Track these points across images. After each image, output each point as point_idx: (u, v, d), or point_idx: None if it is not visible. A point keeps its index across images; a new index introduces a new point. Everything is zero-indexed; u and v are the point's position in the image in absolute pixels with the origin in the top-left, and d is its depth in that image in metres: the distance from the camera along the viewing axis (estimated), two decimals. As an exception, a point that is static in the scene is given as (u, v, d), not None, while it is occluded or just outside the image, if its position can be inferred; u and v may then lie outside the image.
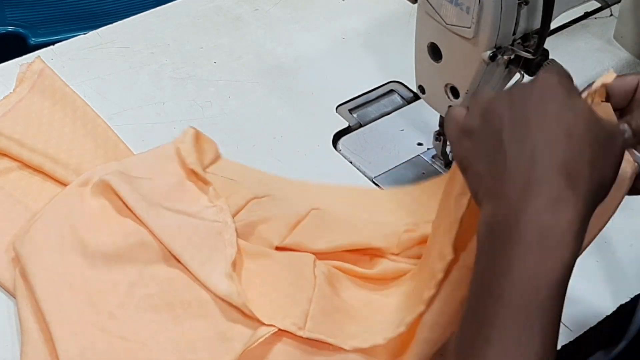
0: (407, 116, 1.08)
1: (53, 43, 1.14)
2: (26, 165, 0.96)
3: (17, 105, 1.01)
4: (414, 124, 1.06)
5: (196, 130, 0.98)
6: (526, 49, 0.85)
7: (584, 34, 1.20)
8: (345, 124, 1.06)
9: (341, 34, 1.18)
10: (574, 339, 0.86)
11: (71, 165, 0.95)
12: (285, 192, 0.96)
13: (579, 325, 0.86)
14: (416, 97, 1.08)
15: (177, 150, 0.95)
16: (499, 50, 0.84)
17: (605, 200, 0.62)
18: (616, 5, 1.19)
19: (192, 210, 0.90)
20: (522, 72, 0.87)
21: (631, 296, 0.89)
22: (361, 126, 1.07)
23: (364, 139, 1.05)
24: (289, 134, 1.04)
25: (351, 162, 1.02)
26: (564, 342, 0.85)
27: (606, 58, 1.16)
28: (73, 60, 1.11)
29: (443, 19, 0.85)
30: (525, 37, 0.85)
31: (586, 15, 1.21)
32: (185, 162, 0.94)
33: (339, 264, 0.87)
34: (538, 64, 0.86)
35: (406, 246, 0.88)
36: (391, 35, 1.18)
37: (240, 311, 0.82)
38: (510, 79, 0.89)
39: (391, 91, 1.11)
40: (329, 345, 0.80)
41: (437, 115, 0.96)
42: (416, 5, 0.89)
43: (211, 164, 0.98)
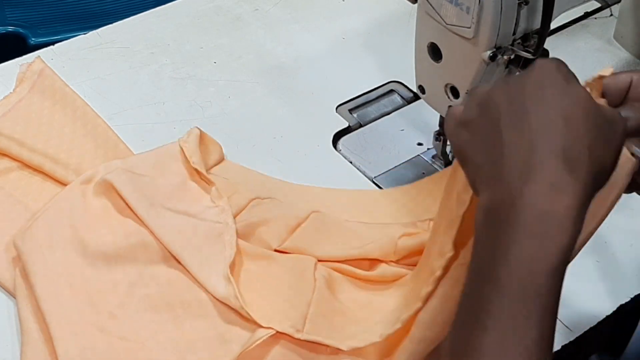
0: (407, 116, 1.08)
1: (53, 43, 1.14)
2: (26, 165, 0.96)
3: (17, 105, 1.02)
4: (414, 124, 1.06)
5: (201, 131, 0.98)
6: (526, 49, 0.85)
7: (584, 34, 1.19)
8: (345, 124, 1.06)
9: (341, 34, 1.18)
10: (574, 339, 0.86)
11: (71, 165, 0.95)
12: (286, 194, 0.96)
13: (579, 325, 0.86)
14: (416, 97, 1.08)
15: (181, 149, 0.95)
16: (499, 50, 0.84)
17: (602, 193, 0.61)
18: (616, 5, 1.19)
19: (193, 210, 0.90)
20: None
21: (631, 296, 0.89)
22: (361, 126, 1.07)
23: (364, 139, 1.05)
24: (289, 134, 1.04)
25: (351, 162, 1.02)
26: (564, 342, 0.85)
27: (606, 58, 1.16)
28: (73, 60, 1.11)
29: (443, 19, 0.85)
30: (525, 37, 0.85)
31: (586, 15, 1.21)
32: (188, 162, 0.94)
33: (339, 266, 0.87)
34: (538, 64, 0.86)
35: (404, 254, 0.88)
36: (391, 35, 1.18)
37: (239, 313, 0.82)
38: (510, 79, 0.89)
39: (391, 91, 1.11)
40: (326, 348, 0.80)
41: (437, 115, 0.96)
42: (416, 5, 0.89)
43: (215, 164, 0.98)
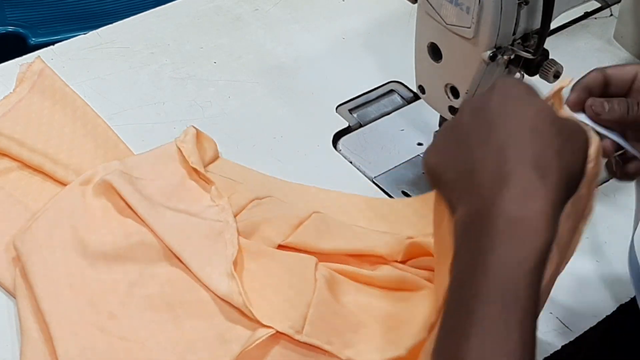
0: (407, 116, 1.08)
1: (53, 43, 1.14)
2: (26, 165, 0.96)
3: (17, 105, 1.02)
4: (414, 124, 1.06)
5: (197, 130, 0.98)
6: (526, 49, 0.85)
7: (584, 34, 1.19)
8: (345, 124, 1.06)
9: (341, 34, 1.18)
10: (574, 339, 0.86)
11: (71, 166, 0.95)
12: (285, 194, 0.96)
13: (579, 325, 0.86)
14: (416, 97, 1.08)
15: (179, 149, 0.95)
16: (499, 50, 0.84)
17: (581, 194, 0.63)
18: (616, 5, 1.19)
19: (194, 209, 0.90)
20: (522, 72, 0.87)
21: (631, 296, 0.89)
22: (361, 126, 1.07)
23: (364, 139, 1.05)
24: (289, 134, 1.04)
25: (351, 162, 1.02)
26: (564, 342, 0.85)
27: (606, 58, 1.16)
28: (73, 60, 1.11)
29: (443, 19, 0.85)
30: (525, 37, 0.85)
31: (586, 15, 1.21)
32: (187, 162, 0.94)
33: (341, 267, 0.87)
34: (538, 64, 0.86)
35: (411, 254, 0.88)
36: (391, 35, 1.18)
37: (240, 312, 0.82)
38: (510, 79, 0.89)
39: (391, 91, 1.11)
40: (325, 352, 0.80)
41: (437, 115, 0.96)
42: (416, 5, 0.89)
43: (210, 162, 0.98)
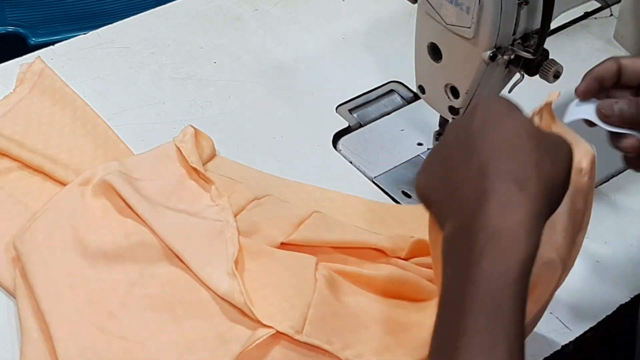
0: (407, 116, 1.08)
1: (53, 43, 1.14)
2: (26, 166, 0.96)
3: (17, 106, 1.02)
4: (414, 124, 1.06)
5: (194, 128, 0.98)
6: (526, 49, 0.85)
7: (584, 34, 1.19)
8: (345, 124, 1.06)
9: (341, 34, 1.18)
10: (574, 339, 0.86)
11: (71, 166, 0.95)
12: (282, 192, 0.95)
13: (579, 325, 0.86)
14: (416, 97, 1.08)
15: (178, 149, 0.95)
16: (499, 50, 0.84)
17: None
18: (616, 5, 1.19)
19: (194, 209, 0.90)
20: (522, 72, 0.87)
21: (631, 296, 0.89)
22: (361, 126, 1.07)
23: (364, 139, 1.05)
24: (289, 134, 1.04)
25: (351, 162, 1.02)
26: (564, 342, 0.85)
27: (606, 58, 1.16)
28: (73, 60, 1.11)
29: (443, 19, 0.85)
30: (525, 37, 0.85)
31: (586, 15, 1.21)
32: (187, 161, 0.94)
33: (341, 268, 0.87)
34: (538, 64, 0.86)
35: (416, 252, 0.88)
36: (391, 35, 1.18)
37: (240, 311, 0.82)
38: (510, 79, 0.89)
39: (391, 91, 1.11)
40: (325, 352, 0.80)
41: (437, 115, 0.96)
42: (416, 5, 0.89)
43: (208, 160, 0.98)
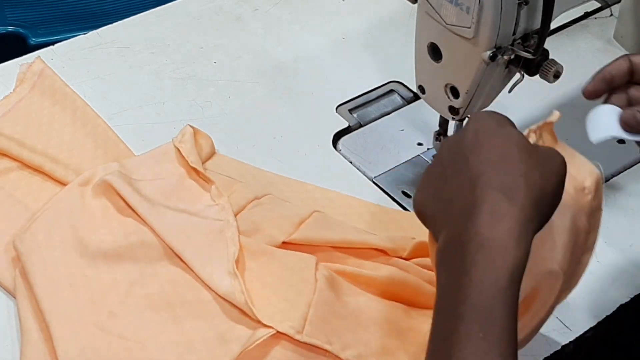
0: (407, 116, 1.08)
1: (53, 43, 1.14)
2: (26, 165, 0.96)
3: (17, 105, 1.02)
4: (414, 124, 1.06)
5: (193, 128, 0.98)
6: (526, 49, 0.85)
7: (584, 34, 1.19)
8: (345, 124, 1.06)
9: (341, 34, 1.18)
10: (574, 339, 0.86)
11: (71, 166, 0.95)
12: (282, 192, 0.95)
13: (579, 325, 0.86)
14: (416, 97, 1.08)
15: (178, 149, 0.95)
16: (499, 50, 0.84)
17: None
18: (616, 5, 1.19)
19: (194, 209, 0.90)
20: (522, 72, 0.87)
21: (631, 296, 0.89)
22: (361, 126, 1.07)
23: (364, 139, 1.05)
24: (289, 134, 1.04)
25: (351, 162, 1.02)
26: (564, 342, 0.85)
27: (606, 58, 1.15)
28: (73, 60, 1.11)
29: (443, 19, 0.85)
30: (525, 37, 0.85)
31: (586, 15, 1.21)
32: (187, 162, 0.94)
33: (342, 268, 0.87)
34: (538, 64, 0.86)
35: (417, 253, 0.88)
36: (391, 35, 1.18)
37: (240, 311, 0.82)
38: (510, 79, 0.89)
39: (391, 91, 1.11)
40: (325, 352, 0.80)
41: (437, 115, 0.96)
42: (416, 5, 0.88)
43: (208, 159, 0.98)
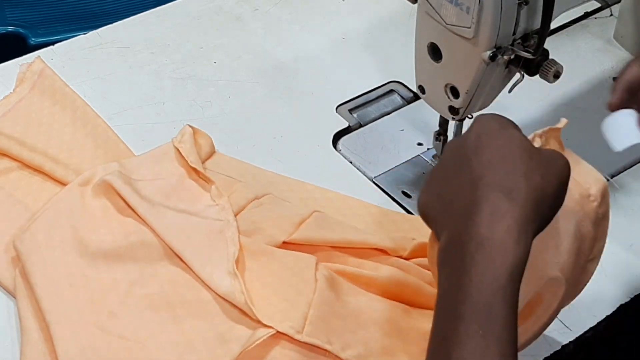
0: (407, 116, 1.08)
1: (53, 43, 1.14)
2: (26, 165, 0.96)
3: (17, 105, 1.02)
4: (414, 124, 1.06)
5: (193, 128, 0.98)
6: (526, 49, 0.85)
7: (584, 34, 1.19)
8: (345, 124, 1.06)
9: (341, 34, 1.18)
10: (574, 339, 0.86)
11: (71, 165, 0.95)
12: (282, 191, 0.95)
13: (579, 325, 0.86)
14: (416, 97, 1.08)
15: (177, 150, 0.95)
16: (499, 50, 0.84)
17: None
18: (616, 5, 1.19)
19: (194, 209, 0.90)
20: (522, 72, 0.87)
21: (631, 296, 0.89)
22: (361, 126, 1.07)
23: (364, 139, 1.05)
24: (289, 134, 1.04)
25: (351, 162, 1.02)
26: (564, 342, 0.85)
27: (606, 58, 1.16)
28: (73, 60, 1.11)
29: (443, 19, 0.85)
30: (525, 37, 0.85)
31: (586, 15, 1.21)
32: (187, 162, 0.94)
33: (342, 268, 0.87)
34: (538, 64, 0.86)
35: (418, 254, 0.88)
36: (391, 35, 1.18)
37: (240, 311, 0.82)
38: (510, 79, 0.89)
39: (391, 91, 1.11)
40: (325, 352, 0.80)
41: (437, 115, 0.96)
42: (416, 5, 0.88)
43: (207, 158, 0.98)
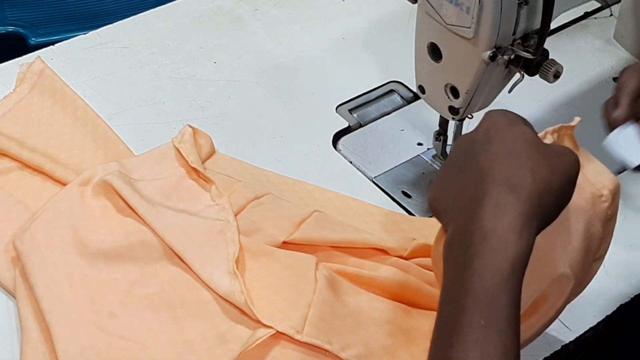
0: (407, 116, 1.08)
1: (53, 43, 1.14)
2: (26, 165, 0.96)
3: (17, 105, 1.02)
4: (414, 124, 1.06)
5: (193, 128, 0.98)
6: (526, 49, 0.85)
7: (584, 34, 1.19)
8: (345, 124, 1.06)
9: (341, 34, 1.18)
10: (574, 339, 0.86)
11: (71, 165, 0.95)
12: (282, 192, 0.95)
13: (579, 325, 0.86)
14: (416, 97, 1.08)
15: (177, 150, 0.95)
16: (499, 50, 0.84)
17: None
18: (616, 5, 1.19)
19: (194, 209, 0.90)
20: (522, 72, 0.87)
21: (631, 296, 0.89)
22: (361, 126, 1.07)
23: (364, 139, 1.05)
24: (289, 134, 1.04)
25: (351, 162, 1.02)
26: (564, 342, 0.85)
27: (606, 58, 1.16)
28: (73, 60, 1.11)
29: (443, 19, 0.85)
30: (525, 37, 0.85)
31: (586, 15, 1.21)
32: (187, 162, 0.94)
33: (342, 268, 0.87)
34: (538, 64, 0.86)
35: (418, 254, 0.88)
36: (391, 35, 1.18)
37: (240, 311, 0.82)
38: (510, 79, 0.89)
39: (391, 91, 1.11)
40: (326, 352, 0.80)
41: (437, 115, 0.96)
42: (416, 5, 0.89)
43: (207, 158, 0.98)
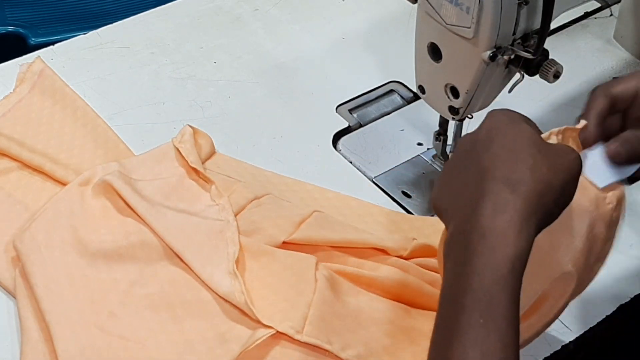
0: (407, 116, 1.08)
1: (53, 43, 1.14)
2: (26, 165, 0.96)
3: (17, 105, 1.02)
4: (414, 124, 1.06)
5: (193, 128, 0.98)
6: (526, 49, 0.85)
7: (584, 34, 1.19)
8: (345, 124, 1.06)
9: (341, 34, 1.18)
10: (574, 339, 0.86)
11: (71, 166, 0.95)
12: (282, 192, 0.95)
13: (579, 325, 0.86)
14: (416, 97, 1.08)
15: (177, 150, 0.95)
16: (499, 50, 0.84)
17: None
18: (616, 5, 1.19)
19: (194, 209, 0.90)
20: (522, 72, 0.87)
21: (631, 296, 0.89)
22: (361, 126, 1.07)
23: (364, 139, 1.05)
24: (289, 134, 1.04)
25: (351, 162, 1.02)
26: (564, 342, 0.85)
27: (606, 58, 1.16)
28: (73, 60, 1.11)
29: (443, 19, 0.85)
30: (525, 37, 0.85)
31: (586, 15, 1.21)
32: (187, 162, 0.94)
33: (342, 268, 0.87)
34: (538, 64, 0.86)
35: (418, 254, 0.88)
36: (391, 35, 1.18)
37: (240, 311, 0.82)
38: (510, 79, 0.89)
39: (391, 91, 1.11)
40: (325, 351, 0.80)
41: (437, 115, 0.96)
42: (416, 5, 0.88)
43: (208, 158, 0.98)
